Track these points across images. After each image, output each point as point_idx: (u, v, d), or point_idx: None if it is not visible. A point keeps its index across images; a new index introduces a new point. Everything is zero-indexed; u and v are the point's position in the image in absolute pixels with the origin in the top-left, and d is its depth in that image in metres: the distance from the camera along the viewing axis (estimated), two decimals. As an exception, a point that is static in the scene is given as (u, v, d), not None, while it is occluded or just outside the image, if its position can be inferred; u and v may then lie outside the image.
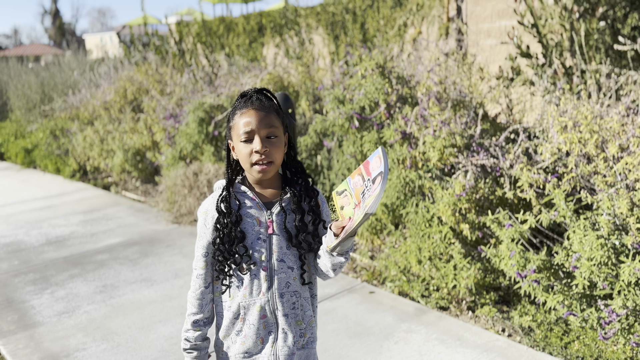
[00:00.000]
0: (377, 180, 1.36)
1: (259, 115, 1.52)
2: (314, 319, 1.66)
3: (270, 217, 1.57)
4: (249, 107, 1.53)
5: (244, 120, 1.52)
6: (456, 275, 3.18)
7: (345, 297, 3.45)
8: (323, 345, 2.88)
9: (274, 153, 1.53)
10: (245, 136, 1.51)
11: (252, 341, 1.58)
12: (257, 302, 1.57)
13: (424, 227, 3.36)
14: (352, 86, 3.92)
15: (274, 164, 1.54)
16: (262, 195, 1.60)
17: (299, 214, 1.57)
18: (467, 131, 3.37)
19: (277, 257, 1.57)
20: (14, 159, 8.28)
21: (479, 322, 3.13)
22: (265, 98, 1.57)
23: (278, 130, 1.55)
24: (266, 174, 1.54)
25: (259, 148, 1.50)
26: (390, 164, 3.54)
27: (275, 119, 1.55)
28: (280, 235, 1.56)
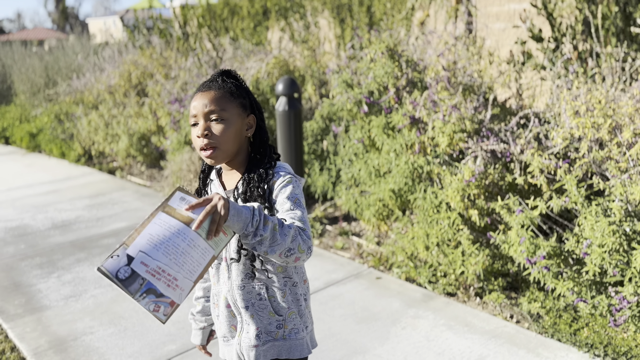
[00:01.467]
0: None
1: (204, 98, 1.44)
2: (293, 311, 1.54)
3: None
4: (199, 90, 1.48)
5: (192, 104, 1.47)
6: (464, 262, 3.15)
7: (352, 282, 3.43)
8: (330, 331, 2.87)
9: (218, 137, 1.43)
10: (192, 121, 1.47)
11: (225, 327, 1.57)
12: (222, 291, 1.55)
13: (432, 213, 3.33)
14: (361, 70, 3.87)
15: (220, 149, 1.44)
16: (227, 180, 1.55)
17: (248, 198, 1.46)
18: (477, 116, 3.32)
19: (235, 246, 1.49)
20: (19, 143, 8.27)
21: (487, 308, 3.11)
22: (222, 79, 1.49)
23: (225, 112, 1.44)
24: (213, 159, 1.45)
25: (199, 133, 1.44)
26: (398, 149, 3.50)
27: (225, 101, 1.45)
28: None
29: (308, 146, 4.89)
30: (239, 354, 1.55)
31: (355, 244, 4.07)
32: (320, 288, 3.35)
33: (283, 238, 1.29)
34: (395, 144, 3.49)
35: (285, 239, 1.29)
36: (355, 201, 3.84)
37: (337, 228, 4.38)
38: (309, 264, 3.70)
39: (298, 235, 1.33)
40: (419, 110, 3.44)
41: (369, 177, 3.75)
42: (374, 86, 3.68)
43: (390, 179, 3.52)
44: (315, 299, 3.21)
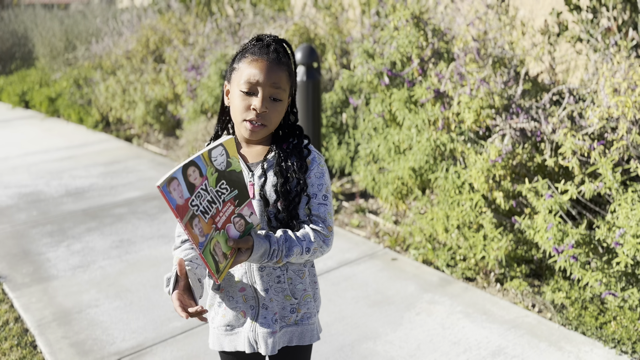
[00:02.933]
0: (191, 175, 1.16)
1: (270, 70, 1.32)
2: (309, 293, 1.48)
3: (252, 180, 1.39)
4: (263, 56, 1.33)
5: (252, 70, 1.32)
6: (485, 246, 2.98)
7: (366, 263, 3.30)
8: (341, 313, 2.75)
9: (272, 117, 1.35)
10: (247, 87, 1.32)
11: (233, 314, 1.45)
12: (235, 274, 1.43)
13: (454, 194, 3.15)
14: (384, 39, 3.65)
15: (267, 128, 1.36)
16: (248, 153, 1.42)
17: (281, 177, 1.37)
18: (507, 91, 3.09)
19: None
20: (38, 107, 8.24)
21: (508, 295, 2.95)
22: (283, 52, 1.37)
23: (284, 93, 1.35)
24: (255, 135, 1.36)
25: (258, 106, 1.31)
26: (420, 125, 3.31)
27: (286, 80, 1.36)
28: (261, 201, 1.39)
29: (326, 119, 4.71)
30: (251, 342, 1.44)
31: (371, 223, 3.92)
32: (333, 268, 3.23)
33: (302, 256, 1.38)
34: (417, 119, 3.29)
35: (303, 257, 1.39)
36: (373, 178, 3.67)
37: (354, 205, 4.23)
38: (322, 241, 3.57)
39: (318, 250, 1.40)
40: (444, 83, 3.22)
41: (388, 154, 3.57)
42: (396, 57, 3.47)
43: (411, 156, 3.33)
44: (327, 279, 3.08)
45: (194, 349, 2.50)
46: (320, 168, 1.43)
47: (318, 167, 1.42)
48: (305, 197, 1.40)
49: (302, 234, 1.38)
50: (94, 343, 2.55)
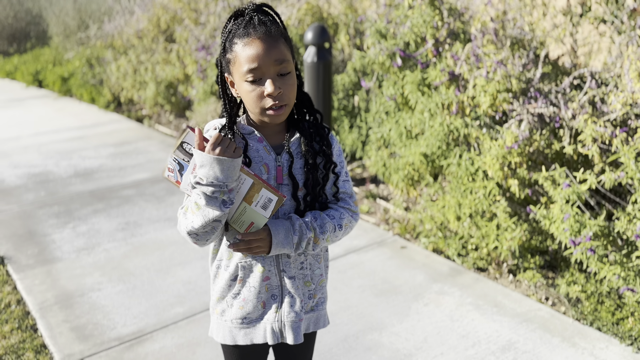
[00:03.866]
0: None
1: (267, 47, 1.22)
2: (324, 278, 1.45)
3: (280, 164, 1.32)
4: (251, 35, 1.22)
5: (249, 54, 1.21)
6: (499, 236, 2.87)
7: (375, 250, 3.21)
8: (346, 302, 2.68)
9: (288, 93, 1.26)
10: (251, 75, 1.23)
11: (252, 305, 1.38)
12: (260, 263, 1.35)
13: (467, 181, 3.03)
14: (397, 18, 3.51)
15: (288, 106, 1.28)
16: (269, 137, 1.34)
17: (310, 157, 1.32)
18: (525, 74, 2.95)
19: (284, 211, 1.34)
20: (51, 86, 8.23)
21: (520, 287, 2.85)
22: (270, 20, 1.26)
23: (290, 63, 1.26)
24: (280, 118, 1.27)
25: (271, 91, 1.22)
26: (433, 109, 3.18)
27: (285, 49, 1.25)
28: (288, 185, 1.33)
29: (338, 101, 4.59)
30: (275, 332, 1.39)
31: (381, 209, 3.83)
32: (340, 255, 3.15)
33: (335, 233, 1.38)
34: (431, 102, 3.17)
35: (337, 234, 1.39)
36: (383, 164, 3.56)
37: (364, 190, 4.13)
38: (330, 227, 3.49)
39: (348, 226, 1.42)
40: (459, 65, 3.08)
41: (399, 139, 3.45)
42: (410, 37, 3.33)
43: (423, 141, 3.21)
44: (333, 267, 3.01)
45: (195, 335, 2.45)
46: (338, 145, 1.42)
47: (337, 145, 1.42)
48: (334, 175, 1.40)
49: (330, 212, 1.39)
50: (95, 328, 2.51)
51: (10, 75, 9.21)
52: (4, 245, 3.35)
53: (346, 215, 1.41)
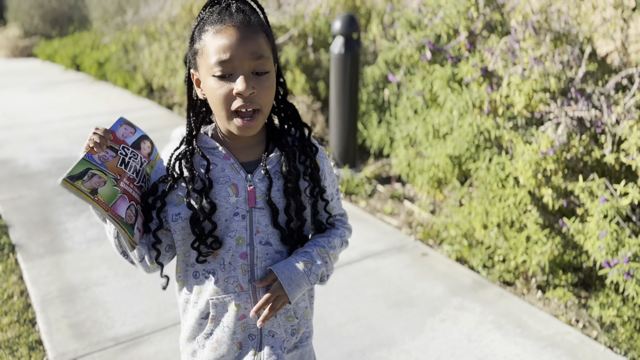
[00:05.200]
0: (144, 145, 1.16)
1: (242, 37, 1.02)
2: (309, 311, 1.26)
3: (252, 184, 1.12)
4: (226, 22, 1.03)
5: (220, 44, 1.02)
6: (528, 249, 2.63)
7: (393, 256, 3.02)
8: (357, 313, 2.50)
9: (263, 97, 1.05)
10: (220, 69, 1.03)
11: (227, 347, 1.19)
12: (234, 300, 1.16)
13: (496, 188, 2.79)
14: (430, 7, 3.27)
15: (262, 114, 1.07)
16: (240, 152, 1.14)
17: (291, 179, 1.12)
18: (566, 73, 2.68)
19: (260, 239, 1.14)
20: (88, 70, 8.31)
21: (549, 306, 2.61)
22: (250, 10, 1.07)
23: (269, 62, 1.06)
24: (250, 130, 1.07)
25: (242, 89, 1.02)
26: (463, 107, 2.95)
27: (265, 44, 1.06)
28: (265, 209, 1.13)
29: (367, 95, 4.39)
30: None
31: (405, 211, 3.62)
32: (355, 259, 2.97)
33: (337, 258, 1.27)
34: (460, 100, 2.93)
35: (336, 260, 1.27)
36: (408, 164, 3.35)
37: (389, 190, 3.93)
38: (348, 229, 3.32)
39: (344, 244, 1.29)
40: (493, 60, 2.84)
41: (425, 138, 3.23)
42: (442, 28, 3.09)
43: (450, 142, 2.99)
44: (347, 272, 2.84)
45: (194, 340, 2.32)
46: (328, 163, 1.24)
47: (328, 163, 1.23)
48: (323, 201, 1.22)
49: (331, 231, 1.27)
50: (93, 325, 2.43)
51: (51, 58, 9.36)
52: (18, 232, 3.32)
53: (346, 231, 1.29)
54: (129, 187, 1.10)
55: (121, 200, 1.06)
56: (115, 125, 1.14)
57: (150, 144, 1.18)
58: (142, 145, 1.16)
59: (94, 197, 1.02)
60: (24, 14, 10.16)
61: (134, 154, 1.13)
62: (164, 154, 1.18)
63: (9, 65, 9.08)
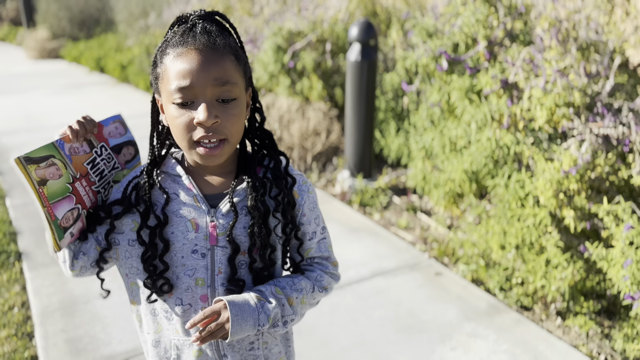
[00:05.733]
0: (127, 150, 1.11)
1: (205, 61, 0.92)
2: (282, 356, 1.15)
3: (214, 220, 1.02)
4: (188, 44, 0.93)
5: (179, 68, 0.93)
6: (547, 274, 2.47)
7: (405, 275, 2.88)
8: (362, 337, 2.38)
9: (229, 126, 0.96)
10: (180, 95, 0.93)
11: None
12: (195, 345, 1.06)
13: (515, 207, 2.64)
14: (448, 15, 3.13)
15: (229, 144, 0.97)
16: (205, 182, 1.05)
17: (257, 215, 1.00)
18: (592, 86, 2.51)
19: (223, 281, 1.03)
20: (111, 73, 8.37)
21: (569, 334, 2.44)
22: (217, 29, 0.97)
23: (236, 88, 0.95)
24: (214, 159, 0.97)
25: (203, 118, 0.92)
26: (482, 120, 2.80)
27: (233, 69, 0.95)
28: (227, 248, 1.02)
29: (386, 102, 4.26)
30: None
31: (421, 225, 3.48)
32: (365, 277, 2.85)
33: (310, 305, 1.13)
34: (479, 113, 2.79)
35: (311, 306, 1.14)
36: (423, 177, 3.22)
37: (406, 202, 3.80)
38: (359, 244, 3.20)
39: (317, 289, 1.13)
40: (514, 72, 2.68)
41: (442, 151, 3.09)
42: (460, 37, 2.95)
43: (467, 156, 2.84)
44: (355, 292, 2.72)
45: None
46: (311, 197, 1.10)
47: (309, 197, 1.10)
48: (297, 241, 1.09)
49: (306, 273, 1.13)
50: (90, 341, 2.37)
51: (77, 60, 9.48)
52: (27, 239, 3.30)
53: (325, 276, 1.14)
54: (84, 189, 1.03)
55: (66, 200, 0.99)
56: (108, 120, 1.11)
57: (134, 152, 1.14)
58: (124, 151, 1.13)
59: (38, 187, 0.95)
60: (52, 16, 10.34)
61: (109, 156, 1.09)
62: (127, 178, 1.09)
63: (36, 67, 9.22)
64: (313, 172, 4.26)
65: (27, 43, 9.91)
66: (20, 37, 11.32)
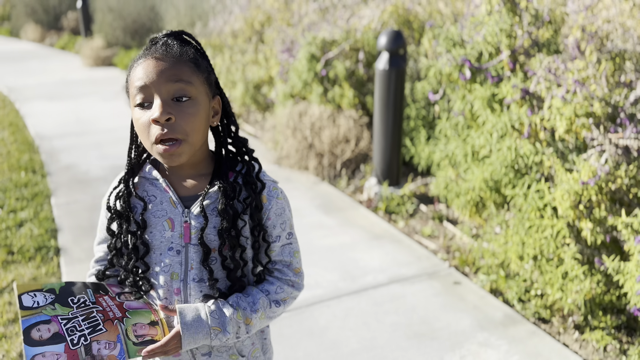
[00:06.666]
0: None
1: (160, 66, 1.02)
2: (257, 347, 1.22)
3: (188, 220, 1.11)
4: (148, 54, 1.04)
5: (138, 72, 1.03)
6: (564, 286, 2.44)
7: (422, 283, 2.89)
8: (372, 342, 2.42)
9: (185, 124, 1.03)
10: (139, 96, 1.03)
11: None
12: None
13: (533, 217, 2.61)
14: (473, 24, 3.14)
15: (187, 143, 1.05)
16: (181, 185, 1.14)
17: (226, 217, 1.08)
18: (614, 95, 2.47)
19: (195, 276, 1.12)
20: (159, 81, 8.70)
21: (586, 349, 2.39)
22: (177, 43, 1.06)
23: (193, 88, 1.03)
24: (174, 158, 1.05)
25: (157, 115, 1.00)
26: (502, 130, 2.79)
27: (189, 72, 1.04)
28: (198, 247, 1.11)
29: (417, 110, 4.28)
30: None
31: (445, 233, 3.47)
32: (381, 284, 2.88)
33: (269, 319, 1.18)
34: (499, 122, 2.78)
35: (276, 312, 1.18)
36: (445, 186, 3.22)
37: (431, 211, 3.79)
38: (380, 250, 3.23)
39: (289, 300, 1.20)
40: (535, 81, 2.66)
41: (464, 159, 3.09)
42: (483, 46, 2.95)
43: (487, 165, 2.83)
44: (370, 297, 2.75)
45: None
46: (279, 203, 1.17)
47: (277, 203, 1.16)
48: (264, 243, 1.16)
49: (264, 286, 1.17)
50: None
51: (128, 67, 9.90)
52: (67, 235, 3.51)
53: (284, 287, 1.19)
54: (113, 308, 1.09)
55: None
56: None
57: (37, 327, 1.02)
58: (42, 337, 1.00)
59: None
60: (107, 26, 10.85)
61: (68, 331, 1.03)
62: (111, 186, 1.19)
63: (90, 74, 9.71)
64: (342, 179, 4.32)
65: (84, 51, 10.43)
66: (78, 45, 11.94)
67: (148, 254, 1.12)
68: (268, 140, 5.24)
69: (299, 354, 2.34)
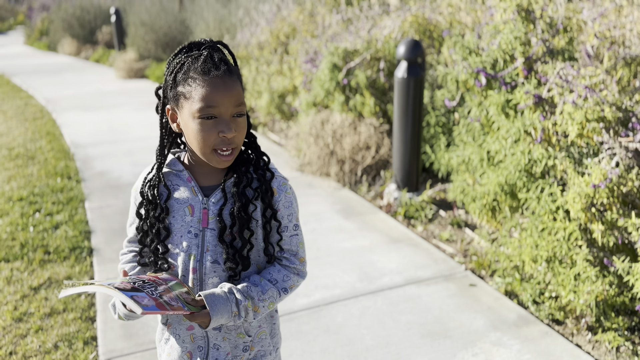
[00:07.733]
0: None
1: (226, 87, 1.17)
2: (264, 330, 1.35)
3: (206, 206, 1.26)
4: (211, 74, 1.16)
5: (208, 94, 1.16)
6: (576, 288, 2.48)
7: (438, 285, 2.96)
8: (386, 339, 2.50)
9: (241, 136, 1.23)
10: (206, 113, 1.17)
11: (178, 354, 1.32)
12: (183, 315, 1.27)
13: (546, 220, 2.66)
14: (488, 33, 3.22)
15: (237, 150, 1.23)
16: (203, 176, 1.29)
17: (240, 200, 1.23)
18: (625, 100, 2.51)
19: (210, 257, 1.25)
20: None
21: (598, 350, 2.43)
22: (225, 56, 1.21)
23: (245, 106, 1.22)
24: (228, 163, 1.23)
25: (229, 133, 1.17)
26: (516, 135, 2.85)
27: (241, 89, 1.22)
28: (215, 230, 1.25)
29: (437, 117, 4.35)
30: None
31: (463, 238, 3.53)
32: (398, 284, 2.96)
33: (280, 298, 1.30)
34: (513, 127, 2.85)
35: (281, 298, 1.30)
36: (462, 190, 3.29)
37: (450, 216, 3.86)
38: (398, 253, 3.31)
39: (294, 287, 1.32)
40: (547, 87, 2.73)
41: (480, 164, 3.15)
42: (498, 54, 3.03)
43: (501, 170, 2.90)
44: (385, 297, 2.84)
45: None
46: (287, 196, 1.31)
47: (285, 196, 1.30)
48: (276, 222, 1.30)
49: (272, 275, 1.30)
50: (141, 327, 2.65)
51: (160, 79, 10.22)
52: (99, 237, 3.70)
53: (291, 276, 1.31)
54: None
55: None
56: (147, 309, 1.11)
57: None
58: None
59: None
60: (140, 39, 11.23)
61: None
62: (140, 176, 1.33)
63: (123, 86, 10.06)
64: (362, 185, 4.41)
65: (117, 64, 10.83)
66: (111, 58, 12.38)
67: (169, 237, 1.26)
68: (291, 148, 5.38)
69: (315, 349, 2.44)
